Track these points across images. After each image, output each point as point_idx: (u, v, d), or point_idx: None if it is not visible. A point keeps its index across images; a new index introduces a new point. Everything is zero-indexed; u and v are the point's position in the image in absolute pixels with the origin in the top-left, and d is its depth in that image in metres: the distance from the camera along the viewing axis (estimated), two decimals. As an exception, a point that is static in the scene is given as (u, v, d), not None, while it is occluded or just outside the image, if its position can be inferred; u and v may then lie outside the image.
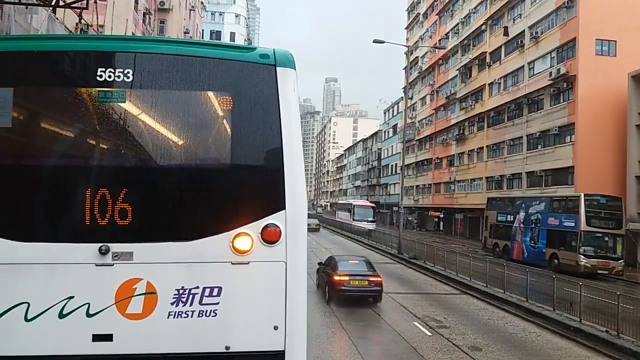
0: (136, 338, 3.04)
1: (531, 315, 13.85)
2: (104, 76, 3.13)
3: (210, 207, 3.24)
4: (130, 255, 3.06)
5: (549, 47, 35.55)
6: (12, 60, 3.22)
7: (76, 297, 2.99)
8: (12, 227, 3.04)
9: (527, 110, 37.89)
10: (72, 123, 3.33)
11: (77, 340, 2.98)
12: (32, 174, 3.20)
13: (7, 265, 2.97)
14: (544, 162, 35.37)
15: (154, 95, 3.28)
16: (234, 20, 75.58)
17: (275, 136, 3.25)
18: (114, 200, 3.04)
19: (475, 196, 46.12)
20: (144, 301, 3.05)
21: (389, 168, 78.06)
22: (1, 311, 2.93)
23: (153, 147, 3.30)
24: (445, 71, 54.94)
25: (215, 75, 3.34)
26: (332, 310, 13.96)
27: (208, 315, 3.10)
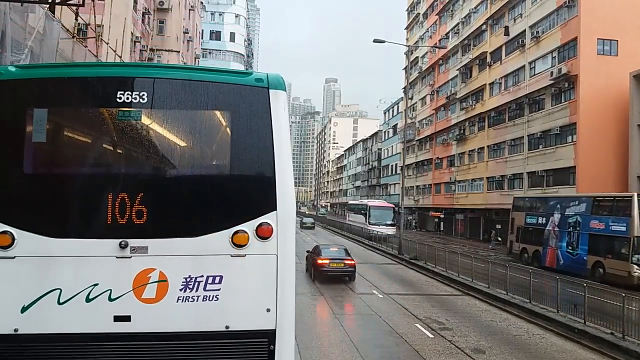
0: (150, 319, 3.58)
1: (534, 317, 13.68)
2: (123, 98, 3.72)
3: (212, 208, 3.84)
4: (146, 249, 3.63)
5: (550, 46, 35.40)
6: (47, 85, 3.85)
7: (100, 284, 3.55)
8: (47, 226, 3.58)
9: (528, 110, 37.73)
10: (96, 138, 3.97)
11: (101, 321, 3.52)
12: (63, 181, 3.81)
13: (43, 257, 3.55)
14: (545, 162, 35.21)
15: (165, 113, 3.88)
16: (233, 21, 75.48)
17: (268, 148, 3.82)
18: (132, 202, 3.61)
19: (475, 196, 46.00)
20: (157, 288, 3.62)
21: (389, 168, 77.97)
22: (38, 296, 3.50)
23: (164, 157, 3.96)
24: (445, 71, 54.80)
25: (217, 96, 3.93)
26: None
27: (211, 300, 3.66)
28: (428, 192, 59.29)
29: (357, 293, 16.97)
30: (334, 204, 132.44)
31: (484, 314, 14.44)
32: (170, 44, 37.53)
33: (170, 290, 3.63)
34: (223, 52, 75.24)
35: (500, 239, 41.00)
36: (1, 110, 3.75)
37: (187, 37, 41.19)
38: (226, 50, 75.36)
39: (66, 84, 3.89)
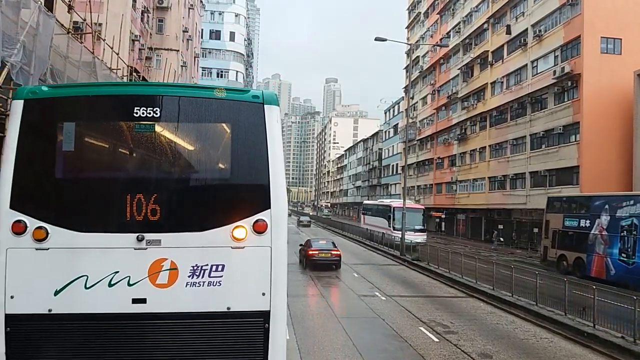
0: (163, 301, 4.17)
1: (541, 320, 13.36)
2: (139, 113, 4.33)
3: (216, 207, 4.48)
4: (159, 242, 4.23)
5: (553, 45, 35.09)
6: (74, 102, 4.53)
7: (120, 272, 4.15)
8: (75, 222, 4.19)
9: (531, 110, 37.42)
10: (116, 147, 4.62)
11: (121, 303, 4.11)
12: (88, 184, 4.45)
13: (72, 249, 4.15)
14: (547, 161, 34.89)
15: (174, 126, 4.51)
16: (233, 20, 75.19)
17: (263, 155, 4.40)
18: (147, 202, 4.22)
19: (477, 196, 45.68)
20: (169, 275, 4.21)
21: (390, 168, 77.67)
22: (68, 281, 4.09)
23: (174, 163, 4.60)
24: (446, 70, 54.48)
25: (219, 111, 4.56)
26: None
27: (214, 285, 4.26)
28: (429, 192, 58.97)
29: (360, 295, 16.64)
30: (334, 204, 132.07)
31: (489, 317, 14.12)
32: (170, 42, 37.23)
33: (179, 277, 4.26)
34: (223, 51, 74.96)
35: (502, 240, 40.71)
36: (36, 123, 4.36)
37: (187, 35, 40.87)
38: (226, 49, 75.05)
39: (90, 101, 4.60)
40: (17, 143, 4.22)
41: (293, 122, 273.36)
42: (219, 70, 74.68)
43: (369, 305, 14.95)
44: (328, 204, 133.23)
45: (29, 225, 4.15)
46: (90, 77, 12.68)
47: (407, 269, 24.39)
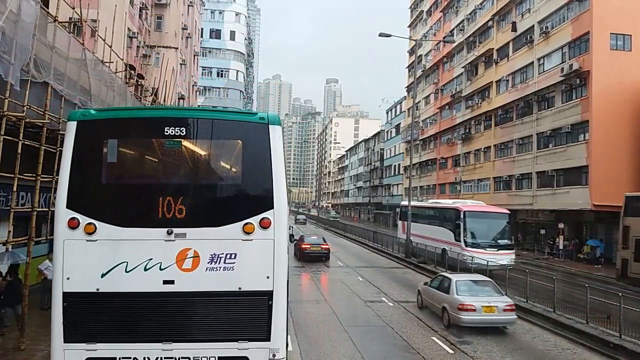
0: (187, 282, 5.12)
1: (560, 328, 12.55)
2: (169, 131, 5.28)
3: (230, 207, 5.44)
4: (185, 234, 5.15)
5: (560, 42, 34.26)
6: (116, 123, 5.61)
7: (154, 259, 5.11)
8: (118, 219, 5.14)
9: (537, 108, 36.59)
10: (150, 159, 5.67)
11: (154, 283, 5.07)
12: (128, 189, 5.48)
13: (115, 240, 5.11)
14: (555, 161, 34.05)
15: (197, 142, 5.46)
16: (234, 19, 74.44)
17: (267, 165, 5.32)
18: (175, 203, 5.17)
19: (482, 197, 44.59)
20: (192, 261, 5.17)
21: (392, 168, 76.72)
22: (112, 266, 5.07)
23: (197, 172, 5.59)
24: (450, 69, 53.67)
25: (232, 130, 5.60)
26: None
27: (228, 270, 5.18)
28: (432, 192, 58.12)
29: (366, 301, 15.85)
30: (335, 205, 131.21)
31: (504, 325, 13.28)
32: (169, 40, 36.46)
33: (201, 263, 5.20)
34: (223, 50, 74.26)
35: (508, 241, 39.84)
36: (86, 140, 5.28)
37: (186, 33, 40.09)
38: (226, 49, 74.33)
39: (129, 122, 5.69)
40: (71, 156, 5.23)
41: (294, 122, 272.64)
42: (219, 70, 73.96)
43: (376, 312, 14.16)
44: (329, 205, 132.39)
45: (81, 221, 5.14)
46: (80, 70, 11.89)
47: (414, 272, 23.57)
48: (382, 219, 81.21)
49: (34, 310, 12.51)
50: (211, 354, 5.20)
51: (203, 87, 71.11)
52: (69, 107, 11.32)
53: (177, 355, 5.16)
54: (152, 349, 5.13)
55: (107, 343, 5.11)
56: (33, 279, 13.40)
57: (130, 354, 5.12)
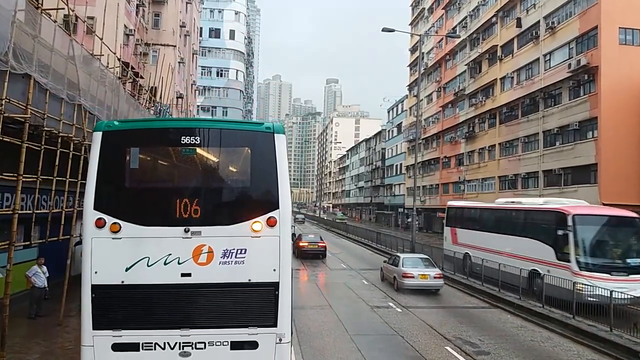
0: (203, 275, 5.76)
1: (582, 336, 11.76)
2: (185, 140, 5.94)
3: (240, 208, 6.12)
4: (200, 232, 5.78)
5: (567, 37, 33.46)
6: (137, 133, 6.35)
7: (172, 254, 5.72)
8: (140, 219, 5.77)
9: (543, 105, 35.79)
10: (168, 165, 6.48)
11: (173, 276, 5.69)
12: (149, 192, 6.18)
13: (138, 238, 5.71)
14: (562, 159, 33.25)
15: (210, 149, 6.21)
16: (233, 18, 73.73)
17: (273, 170, 5.97)
18: (191, 204, 5.80)
19: (487, 196, 43.95)
20: (207, 256, 5.78)
21: (393, 168, 75.88)
22: (135, 261, 5.68)
23: (210, 177, 6.37)
24: (452, 67, 52.88)
25: (242, 138, 6.33)
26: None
27: (239, 263, 5.83)
28: (435, 192, 57.33)
29: (372, 306, 15.07)
30: (336, 205, 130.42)
31: (521, 332, 12.52)
32: (167, 38, 35.70)
33: (215, 258, 5.72)
34: (223, 50, 73.55)
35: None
36: (110, 149, 5.77)
37: (185, 31, 39.33)
38: (226, 48, 73.62)
39: (149, 132, 6.37)
40: (97, 163, 5.69)
41: (294, 122, 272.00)
42: (218, 69, 73.26)
43: (384, 319, 13.38)
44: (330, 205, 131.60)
45: (107, 221, 5.59)
46: (67, 63, 11.12)
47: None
48: (384, 219, 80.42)
49: (21, 319, 11.74)
50: (224, 339, 5.74)
51: (203, 87, 70.39)
52: (55, 102, 10.56)
53: (194, 341, 5.68)
54: (171, 335, 5.67)
55: (131, 330, 5.64)
56: (19, 286, 12.64)
57: (151, 339, 5.65)
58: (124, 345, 5.58)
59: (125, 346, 5.58)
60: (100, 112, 12.97)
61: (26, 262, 13.27)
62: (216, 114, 71.70)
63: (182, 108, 38.63)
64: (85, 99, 11.80)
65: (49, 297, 12.47)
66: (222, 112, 72.66)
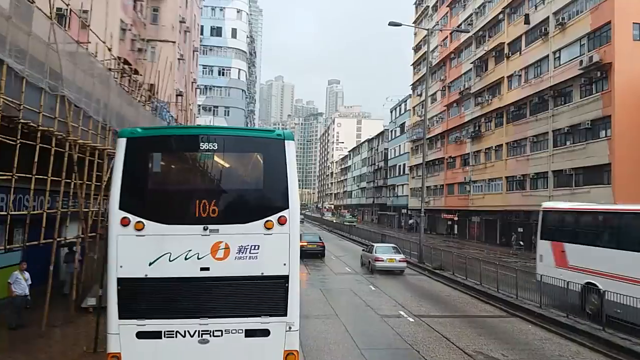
0: (220, 269, 6.14)
1: (616, 351, 10.68)
2: (203, 146, 6.38)
3: (253, 208, 6.52)
4: (217, 230, 6.17)
5: (578, 33, 32.41)
6: (159, 139, 6.87)
7: (192, 250, 6.10)
8: (162, 218, 6.14)
9: (553, 104, 34.74)
10: (188, 168, 6.94)
11: (193, 270, 6.07)
12: (170, 193, 6.62)
13: (160, 235, 6.07)
14: (574, 159, 32.18)
15: (226, 154, 6.63)
16: (235, 16, 72.69)
17: (283, 173, 6.43)
18: (209, 205, 6.20)
19: (493, 197, 42.98)
20: (224, 252, 6.17)
21: (397, 169, 74.85)
22: (158, 256, 6.03)
23: (226, 179, 6.77)
24: (457, 65, 51.82)
25: (255, 145, 6.85)
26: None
27: (253, 258, 6.22)
28: (440, 193, 56.23)
29: (382, 315, 14.00)
30: (338, 206, 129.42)
31: (546, 345, 11.44)
32: (166, 33, 34.68)
33: (231, 253, 6.20)
34: (224, 48, 72.56)
35: (522, 243, 38.00)
36: (134, 154, 6.24)
37: (184, 27, 38.32)
38: (227, 46, 72.63)
39: (171, 138, 6.99)
40: (122, 167, 6.15)
41: (296, 123, 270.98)
42: (220, 68, 72.21)
43: (396, 330, 12.31)
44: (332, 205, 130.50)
45: (132, 220, 6.05)
46: (48, 50, 10.09)
47: (430, 279, 21.63)
48: (387, 220, 79.32)
49: (1, 330, 10.74)
50: (239, 327, 6.13)
51: (204, 86, 69.41)
52: (33, 92, 9.53)
53: (211, 329, 6.08)
54: (191, 324, 6.05)
55: (154, 319, 6.00)
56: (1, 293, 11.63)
57: (173, 328, 6.03)
58: (147, 333, 5.99)
59: (148, 334, 6.00)
60: (87, 104, 11.94)
61: (9, 266, 12.27)
62: (218, 114, 70.73)
63: (182, 106, 37.65)
64: (70, 89, 10.76)
65: (30, 305, 11.44)
66: (224, 111, 71.68)
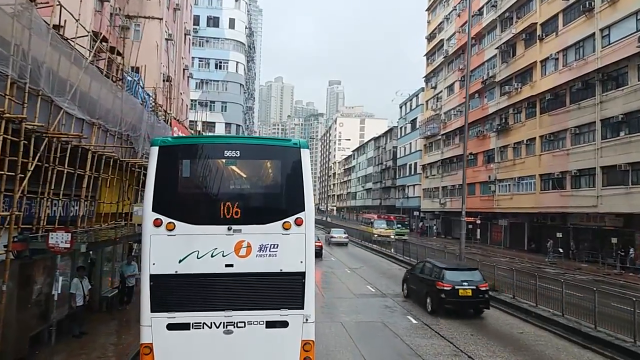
0: (243, 265, 6.75)
1: None
2: (227, 153, 7.11)
3: (273, 210, 7.18)
4: (240, 230, 6.78)
5: (634, 6, 27.52)
6: (188, 148, 7.70)
7: (218, 248, 6.72)
8: (191, 219, 6.78)
9: (601, 89, 29.85)
10: (214, 174, 7.28)
11: (218, 267, 6.69)
12: (198, 196, 7.23)
13: (189, 235, 6.68)
14: (630, 152, 27.24)
15: (248, 161, 7.34)
16: (233, 5, 67.96)
17: (299, 178, 7.06)
18: (233, 207, 6.82)
19: (524, 198, 38.07)
20: (246, 250, 6.78)
21: (407, 168, 69.84)
22: (186, 254, 6.63)
23: (248, 184, 7.42)
24: (479, 52, 47.00)
25: (274, 152, 7.57)
26: None
27: (272, 256, 6.82)
28: (457, 193, 51.29)
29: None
30: (341, 208, 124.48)
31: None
32: (151, 9, 29.79)
33: (252, 251, 6.81)
34: (222, 40, 67.87)
35: (561, 250, 33.12)
36: (166, 160, 6.92)
37: (174, 4, 33.52)
38: (225, 38, 67.92)
39: (199, 146, 7.72)
40: (154, 172, 6.85)
41: (296, 124, 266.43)
42: (217, 61, 67.51)
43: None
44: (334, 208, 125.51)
45: (164, 221, 6.69)
46: None
47: (496, 311, 15.98)
48: (396, 223, 74.33)
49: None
50: (261, 319, 6.81)
51: (200, 80, 64.68)
52: None
53: (235, 321, 6.76)
54: (216, 316, 6.74)
55: (183, 312, 6.65)
56: None
57: (200, 320, 6.70)
58: (176, 325, 6.63)
59: (178, 326, 6.64)
60: (35, 75, 7.97)
61: None
62: (214, 109, 66.00)
63: (170, 94, 32.83)
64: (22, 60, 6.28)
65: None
66: (221, 106, 66.99)
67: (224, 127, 66.19)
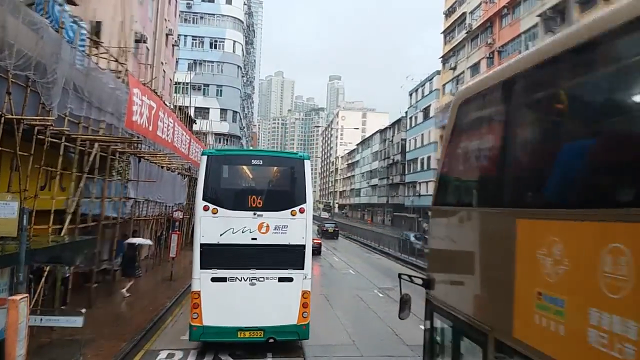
0: (263, 239, 10.43)
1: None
2: (254, 162, 11.67)
3: (284, 202, 10.79)
4: (262, 215, 10.47)
5: None
6: (228, 157, 12.27)
7: (246, 227, 10.40)
8: (229, 206, 10.55)
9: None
10: (245, 175, 11.85)
11: (247, 239, 10.38)
12: (234, 191, 11.42)
13: (227, 217, 10.41)
14: None
15: (268, 167, 11.78)
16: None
17: (302, 180, 10.86)
18: (257, 199, 10.65)
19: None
20: (265, 228, 10.46)
21: (418, 162, 63.09)
22: (225, 230, 10.30)
23: (267, 183, 11.86)
24: (512, 23, 40.54)
25: (286, 162, 12.00)
26: None
27: (283, 233, 10.51)
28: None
29: None
30: (344, 205, 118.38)
31: None
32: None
33: (270, 230, 10.35)
34: (217, 16, 61.46)
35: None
36: (213, 165, 10.65)
37: None
38: (221, 14, 61.49)
39: (235, 156, 12.97)
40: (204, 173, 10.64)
41: (297, 118, 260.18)
42: (212, 40, 61.07)
43: None
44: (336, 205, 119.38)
45: (210, 207, 10.17)
46: None
47: None
48: (405, 222, 67.44)
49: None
50: (275, 275, 10.28)
51: (193, 61, 58.02)
52: None
53: (257, 276, 10.19)
54: (244, 273, 10.18)
55: (221, 269, 10.12)
56: None
57: (233, 275, 10.15)
58: (217, 278, 10.08)
59: (218, 279, 10.08)
60: None
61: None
62: (208, 93, 59.59)
63: (148, 59, 26.41)
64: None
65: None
66: (216, 90, 60.47)
67: (219, 113, 59.83)
